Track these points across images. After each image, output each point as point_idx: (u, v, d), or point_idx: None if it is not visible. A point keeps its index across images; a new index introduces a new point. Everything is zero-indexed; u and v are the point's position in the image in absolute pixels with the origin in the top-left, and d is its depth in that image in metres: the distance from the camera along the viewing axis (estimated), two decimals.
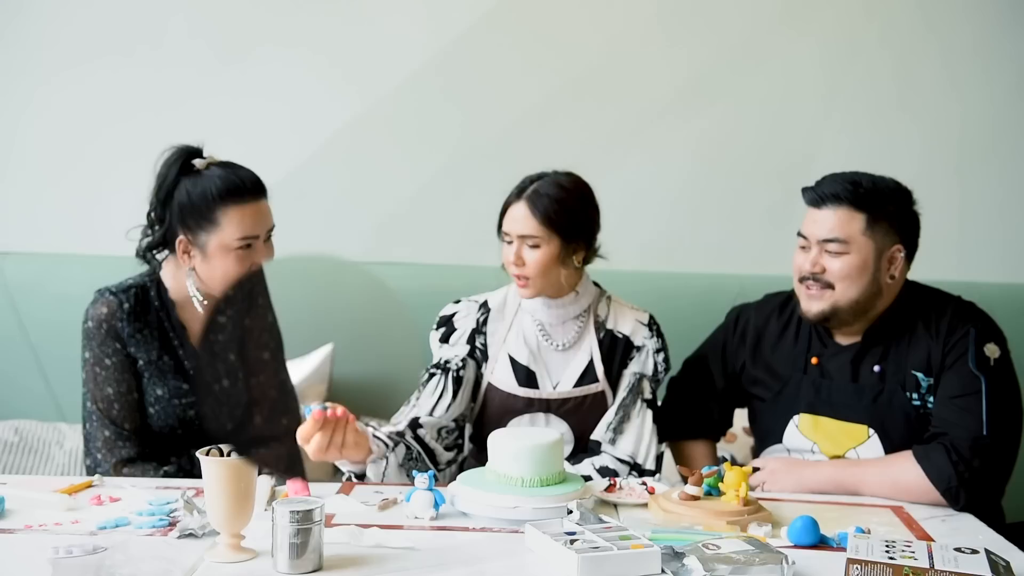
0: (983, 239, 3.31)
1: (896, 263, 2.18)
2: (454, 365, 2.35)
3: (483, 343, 2.39)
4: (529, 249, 2.28)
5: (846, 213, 2.16)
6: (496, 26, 3.26)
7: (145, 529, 1.78)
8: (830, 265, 2.17)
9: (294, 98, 3.25)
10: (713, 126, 3.30)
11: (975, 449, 2.02)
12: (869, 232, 2.15)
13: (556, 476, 1.91)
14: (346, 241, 3.24)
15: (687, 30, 3.29)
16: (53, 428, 2.90)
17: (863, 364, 2.21)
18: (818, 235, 2.18)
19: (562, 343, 2.38)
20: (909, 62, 3.29)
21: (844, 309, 2.18)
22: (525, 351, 2.37)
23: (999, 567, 1.56)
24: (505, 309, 2.42)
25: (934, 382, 2.14)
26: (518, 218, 2.28)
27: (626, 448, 2.29)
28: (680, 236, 3.30)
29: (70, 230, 3.19)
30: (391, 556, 1.66)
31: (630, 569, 1.59)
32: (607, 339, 2.38)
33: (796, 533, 1.76)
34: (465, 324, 2.41)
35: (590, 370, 2.36)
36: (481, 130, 3.27)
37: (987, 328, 2.16)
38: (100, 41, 3.21)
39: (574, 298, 2.38)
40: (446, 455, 2.30)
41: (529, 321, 2.39)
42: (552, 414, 2.34)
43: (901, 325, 2.21)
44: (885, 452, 2.15)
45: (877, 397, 2.18)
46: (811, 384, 2.24)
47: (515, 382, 2.35)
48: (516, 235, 2.29)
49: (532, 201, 2.28)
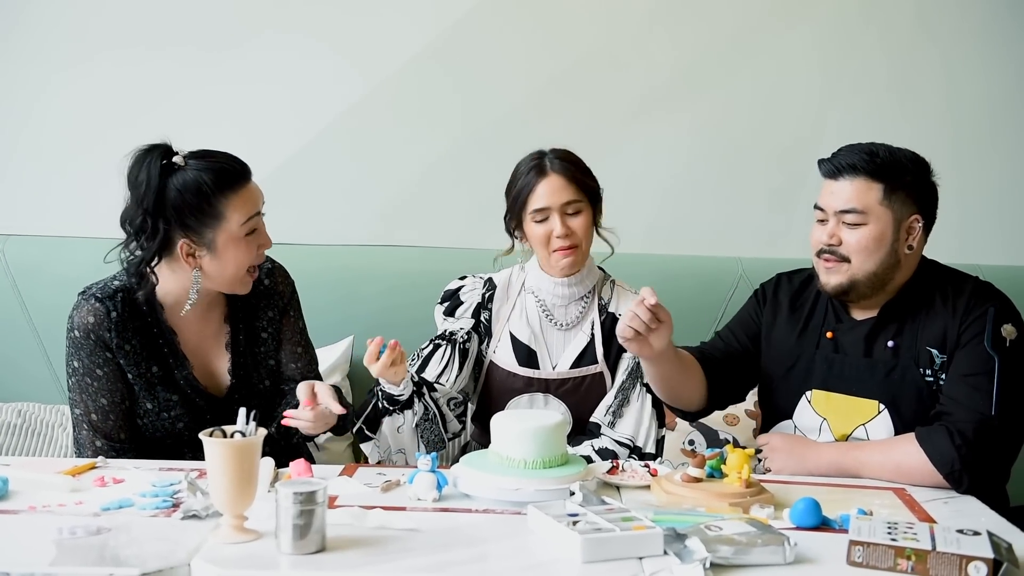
0: (981, 225, 3.31)
1: (914, 233, 2.16)
2: (460, 337, 2.38)
3: (487, 318, 2.42)
4: (572, 217, 2.32)
5: (863, 183, 2.14)
6: (497, 10, 3.25)
7: (149, 510, 1.78)
8: (847, 237, 2.15)
9: (295, 83, 3.25)
10: (713, 110, 3.29)
11: (980, 431, 2.01)
12: (887, 202, 2.14)
13: (559, 458, 1.91)
14: (350, 225, 3.23)
15: (688, 12, 3.28)
16: (56, 410, 2.91)
17: (877, 339, 2.20)
18: (835, 206, 2.16)
19: (564, 322, 2.40)
20: (905, 44, 3.29)
21: (862, 282, 2.16)
22: (527, 330, 2.39)
23: (1001, 549, 1.56)
24: (509, 288, 2.44)
25: (948, 359, 2.12)
26: (556, 188, 2.32)
27: (625, 431, 2.31)
28: (681, 219, 3.30)
29: (72, 213, 3.18)
30: (394, 537, 1.66)
31: (633, 550, 1.59)
32: (608, 321, 2.39)
33: (798, 515, 1.77)
34: (471, 298, 2.44)
35: (589, 351, 2.37)
36: (484, 113, 3.27)
37: (1006, 308, 2.14)
38: (101, 29, 3.21)
39: (581, 278, 2.40)
40: (455, 424, 2.33)
41: (532, 301, 2.41)
42: (551, 394, 2.37)
43: (918, 300, 2.19)
44: (895, 428, 2.14)
45: (890, 372, 2.16)
46: (824, 360, 2.23)
47: (515, 361, 2.38)
48: (558, 205, 2.31)
49: (562, 171, 2.33)
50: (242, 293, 2.23)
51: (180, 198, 2.10)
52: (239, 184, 2.14)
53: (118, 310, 2.16)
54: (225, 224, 2.13)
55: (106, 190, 3.17)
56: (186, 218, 2.11)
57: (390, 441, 2.23)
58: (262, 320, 2.32)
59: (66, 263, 3.02)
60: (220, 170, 2.13)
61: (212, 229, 2.12)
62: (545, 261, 2.39)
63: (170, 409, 2.22)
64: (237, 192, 2.13)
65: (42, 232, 3.14)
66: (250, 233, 2.16)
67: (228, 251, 2.14)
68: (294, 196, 3.24)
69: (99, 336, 2.15)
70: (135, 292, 2.17)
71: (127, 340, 2.17)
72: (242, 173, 2.16)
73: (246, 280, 2.21)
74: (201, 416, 2.23)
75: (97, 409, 2.19)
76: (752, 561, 1.57)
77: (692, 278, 3.08)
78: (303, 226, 3.17)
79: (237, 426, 1.70)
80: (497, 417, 1.96)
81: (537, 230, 2.34)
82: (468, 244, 3.10)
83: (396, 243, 3.20)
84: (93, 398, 2.18)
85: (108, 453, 2.18)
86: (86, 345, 2.16)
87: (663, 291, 2.52)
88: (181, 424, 2.23)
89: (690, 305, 3.01)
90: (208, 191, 2.10)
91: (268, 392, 2.33)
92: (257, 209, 2.17)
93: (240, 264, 2.16)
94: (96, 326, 2.15)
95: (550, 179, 2.33)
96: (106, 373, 2.17)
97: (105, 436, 2.19)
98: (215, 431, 1.68)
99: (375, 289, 3.07)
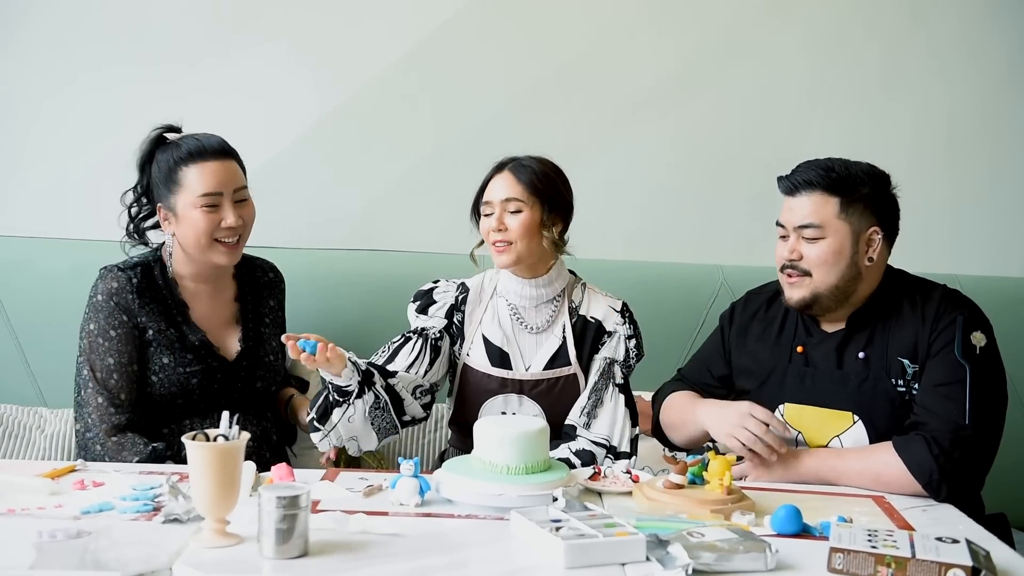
0: (973, 231, 3.33)
1: (874, 245, 2.19)
2: (432, 334, 2.41)
3: (460, 320, 2.44)
4: (511, 215, 2.36)
5: (820, 198, 2.17)
6: (477, 16, 3.24)
7: (129, 514, 1.78)
8: (807, 252, 2.18)
9: (275, 88, 3.22)
10: (699, 116, 3.30)
11: (956, 440, 2.03)
12: (843, 215, 2.16)
13: (541, 464, 1.92)
14: (328, 230, 3.22)
15: (673, 19, 3.28)
16: (34, 413, 2.88)
17: (848, 351, 2.22)
18: (794, 222, 2.20)
19: (535, 326, 2.42)
20: (896, 52, 3.30)
21: (825, 295, 2.19)
22: (499, 333, 2.42)
23: (979, 557, 1.57)
24: (482, 292, 2.47)
25: (919, 368, 2.15)
26: (501, 185, 2.37)
27: (600, 431, 2.34)
28: (662, 226, 3.30)
29: (51, 214, 3.15)
30: (376, 542, 1.66)
31: (615, 556, 1.60)
32: (579, 324, 2.42)
33: (779, 522, 1.78)
34: (444, 298, 2.46)
35: (562, 352, 2.39)
36: (462, 119, 3.25)
37: (974, 316, 2.17)
38: (81, 35, 3.17)
39: (549, 280, 2.42)
40: (418, 410, 2.36)
41: (503, 305, 2.44)
42: (525, 395, 2.39)
43: (886, 310, 2.21)
44: (870, 439, 2.16)
45: (862, 384, 2.18)
46: (796, 374, 2.25)
47: (488, 363, 2.40)
48: (498, 201, 2.36)
49: (515, 170, 2.38)
50: (223, 263, 2.39)
51: (157, 167, 2.38)
52: (203, 158, 2.34)
53: (138, 278, 2.36)
54: (183, 192, 2.33)
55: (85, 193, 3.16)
56: (159, 185, 2.37)
57: (341, 430, 2.25)
58: (265, 307, 2.54)
59: (45, 264, 2.99)
60: (192, 145, 2.35)
61: (174, 195, 2.35)
62: (492, 256, 2.43)
63: (186, 365, 2.36)
64: (199, 164, 2.33)
65: (20, 233, 3.11)
66: (209, 207, 2.32)
67: (187, 218, 2.33)
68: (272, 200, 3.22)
69: (120, 299, 2.34)
70: (152, 268, 2.40)
71: (147, 303, 2.36)
72: (211, 151, 2.35)
73: (219, 250, 2.36)
74: (213, 376, 2.39)
75: (104, 367, 2.32)
76: (734, 568, 1.58)
77: (673, 285, 3.09)
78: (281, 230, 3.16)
79: (220, 429, 1.69)
80: (480, 423, 1.97)
81: (482, 224, 2.41)
82: (448, 249, 3.09)
83: (374, 247, 3.19)
84: (101, 357, 2.32)
85: (107, 410, 2.29)
86: (106, 308, 2.33)
87: (644, 298, 2.55)
88: (195, 380, 2.37)
89: (671, 312, 3.02)
90: (173, 162, 2.35)
91: (272, 366, 2.50)
92: (217, 188, 2.33)
93: (198, 232, 2.33)
94: (119, 290, 2.34)
95: (502, 176, 2.38)
96: (119, 335, 2.33)
97: (105, 393, 2.30)
98: (197, 435, 1.68)
99: (353, 294, 3.05)
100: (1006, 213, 3.33)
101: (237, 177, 2.38)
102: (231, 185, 2.35)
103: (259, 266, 2.59)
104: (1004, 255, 3.30)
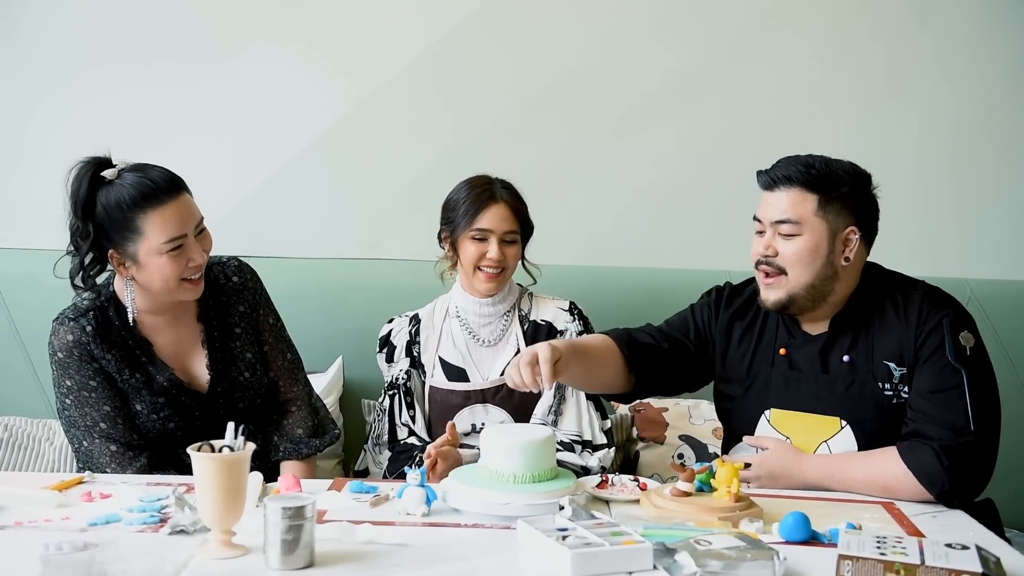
0: (981, 234, 3.31)
1: (851, 245, 2.16)
2: (400, 380, 2.53)
3: (418, 352, 2.57)
4: (508, 245, 2.51)
5: (798, 194, 2.15)
6: (487, 21, 3.25)
7: (136, 526, 1.78)
8: (783, 248, 2.15)
9: (285, 95, 3.24)
10: (705, 121, 3.29)
11: (962, 447, 2.01)
12: (821, 213, 2.14)
13: (548, 472, 1.91)
14: (338, 238, 3.23)
15: (679, 23, 3.28)
16: (43, 424, 2.89)
17: (832, 354, 2.19)
18: (771, 217, 2.17)
19: (489, 340, 2.55)
20: (903, 56, 3.29)
21: (801, 295, 2.15)
22: (455, 352, 2.55)
23: (989, 563, 1.56)
24: (434, 318, 2.61)
25: (907, 372, 2.11)
26: (502, 217, 2.50)
27: (569, 427, 2.44)
28: (671, 231, 3.29)
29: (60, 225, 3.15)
30: (383, 552, 1.66)
31: (622, 565, 1.59)
32: (531, 328, 2.55)
33: (787, 529, 1.77)
34: (400, 339, 2.59)
35: None
36: (472, 126, 3.26)
37: (959, 316, 2.14)
38: (89, 42, 3.19)
39: (503, 296, 2.56)
40: None
41: (457, 325, 2.57)
42: (489, 403, 2.50)
43: (868, 311, 2.18)
44: (858, 444, 2.13)
45: (848, 388, 2.16)
46: (781, 378, 2.22)
47: (447, 380, 2.52)
48: (500, 232, 2.49)
49: (510, 201, 2.52)
50: (190, 299, 2.26)
51: (104, 212, 2.16)
52: (160, 201, 2.15)
53: (93, 325, 2.23)
54: (144, 239, 2.15)
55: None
56: (110, 231, 2.16)
57: None
58: (234, 316, 2.36)
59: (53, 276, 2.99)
60: (143, 186, 2.15)
61: (133, 243, 2.16)
62: (468, 279, 2.54)
63: (159, 411, 2.26)
64: (157, 209, 2.14)
65: (29, 245, 3.12)
66: (175, 250, 2.16)
67: (151, 264, 2.17)
68: (282, 208, 3.24)
69: (82, 350, 2.21)
70: (106, 309, 2.24)
71: (106, 351, 2.23)
72: (165, 190, 2.16)
73: (186, 288, 2.21)
74: (190, 414, 2.29)
75: (104, 417, 2.23)
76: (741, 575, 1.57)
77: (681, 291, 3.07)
78: (290, 239, 3.17)
79: (225, 440, 1.69)
80: (486, 431, 1.97)
81: (471, 249, 2.50)
82: None
83: (384, 256, 3.20)
84: (96, 407, 2.23)
85: (124, 455, 2.22)
86: (72, 363, 2.22)
87: (652, 304, 2.54)
88: (172, 424, 2.27)
89: None
90: (126, 206, 2.14)
91: (250, 383, 2.36)
92: (181, 231, 2.17)
93: (166, 277, 2.18)
94: (76, 343, 2.21)
95: (499, 207, 2.51)
96: (100, 383, 2.23)
97: (117, 441, 2.23)
98: (203, 446, 1.68)
99: (364, 303, 3.05)
100: (1014, 216, 3.31)
101: (195, 211, 2.21)
102: (192, 222, 2.19)
103: (221, 271, 2.38)
104: (1013, 258, 3.28)
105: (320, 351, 2.95)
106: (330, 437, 2.46)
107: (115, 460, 2.22)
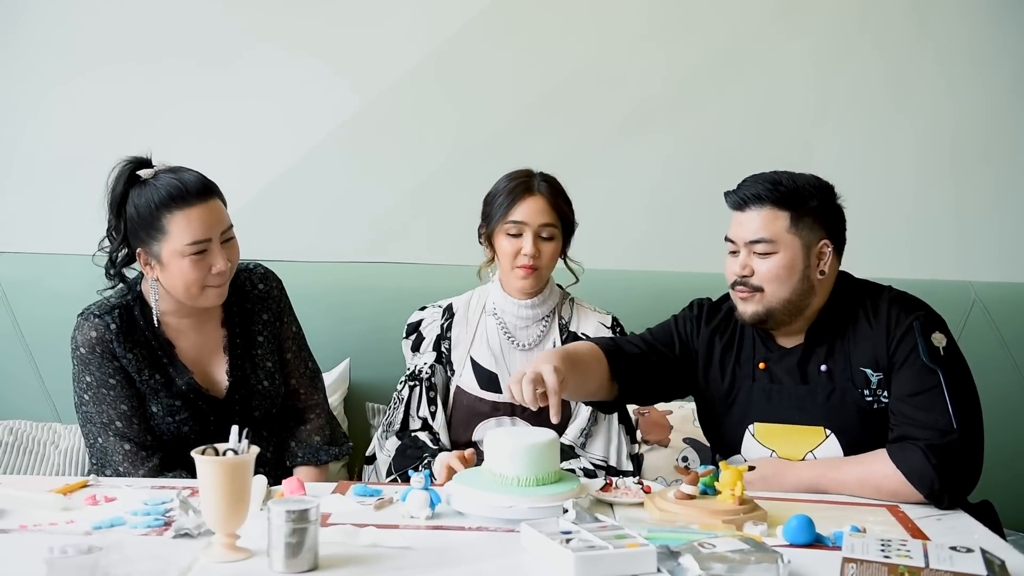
0: (980, 239, 3.31)
1: (825, 258, 2.16)
2: (425, 374, 2.42)
3: (447, 348, 2.45)
4: (544, 241, 2.37)
5: (770, 212, 2.15)
6: (490, 26, 3.26)
7: (140, 529, 1.78)
8: (758, 267, 2.15)
9: (290, 98, 3.25)
10: (707, 126, 3.30)
11: (948, 446, 2.02)
12: (795, 230, 2.14)
13: (552, 475, 1.91)
14: (342, 241, 3.24)
15: (680, 31, 3.29)
16: (48, 428, 2.90)
17: (810, 365, 2.19)
18: (744, 237, 2.17)
19: (526, 343, 2.43)
20: (902, 63, 3.29)
21: (778, 310, 2.15)
22: (488, 354, 2.43)
23: (994, 566, 1.56)
24: (469, 312, 2.48)
25: (884, 377, 2.12)
26: (537, 209, 2.37)
27: (598, 451, 2.35)
28: (675, 235, 3.30)
29: (65, 230, 3.17)
30: (387, 556, 1.66)
31: (626, 568, 1.59)
32: (569, 340, 2.41)
33: (792, 532, 1.76)
34: (431, 331, 2.48)
35: None
36: (476, 129, 3.27)
37: (929, 317, 2.14)
38: (93, 45, 3.21)
39: (543, 299, 2.44)
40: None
41: (493, 324, 2.45)
42: (518, 417, 2.39)
43: (842, 320, 2.18)
44: (843, 451, 2.13)
45: (829, 397, 2.16)
46: (762, 391, 2.22)
47: (478, 386, 2.41)
48: (535, 225, 2.36)
49: (547, 193, 2.38)
50: (212, 304, 2.27)
51: (134, 209, 2.20)
52: (186, 203, 2.17)
53: (117, 323, 2.24)
54: (169, 240, 2.18)
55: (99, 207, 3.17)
56: (138, 229, 2.20)
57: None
58: (257, 324, 2.37)
59: (59, 280, 3.01)
60: (173, 187, 2.18)
61: (158, 242, 2.19)
62: (506, 276, 2.43)
63: (175, 413, 2.26)
64: (183, 210, 2.17)
65: (35, 249, 3.13)
66: (197, 254, 2.18)
67: (173, 266, 2.19)
68: (287, 211, 3.24)
69: (104, 347, 2.22)
70: (132, 308, 2.26)
71: (129, 350, 2.24)
72: (195, 193, 2.18)
73: (209, 293, 2.22)
74: (205, 419, 2.29)
75: (120, 415, 2.24)
76: None
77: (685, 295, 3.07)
78: (295, 242, 3.17)
79: (229, 444, 1.70)
80: (490, 434, 1.96)
81: (507, 244, 2.38)
82: (462, 260, 3.09)
83: (389, 260, 3.20)
84: (113, 405, 2.24)
85: (137, 455, 2.23)
86: (94, 359, 2.23)
87: (656, 308, 2.53)
88: (187, 428, 2.27)
89: None
90: (154, 205, 2.17)
91: (268, 392, 2.36)
92: (205, 235, 2.18)
93: (188, 281, 2.19)
94: (99, 339, 2.22)
95: (535, 199, 2.38)
96: (119, 381, 2.24)
97: (132, 440, 2.24)
98: (207, 449, 1.68)
99: (369, 307, 3.06)
100: (1012, 221, 3.31)
101: (223, 218, 2.23)
102: (218, 228, 2.20)
103: (247, 278, 2.39)
104: (1013, 262, 3.28)
105: (324, 355, 2.94)
106: (345, 448, 2.48)
107: (128, 459, 2.23)
